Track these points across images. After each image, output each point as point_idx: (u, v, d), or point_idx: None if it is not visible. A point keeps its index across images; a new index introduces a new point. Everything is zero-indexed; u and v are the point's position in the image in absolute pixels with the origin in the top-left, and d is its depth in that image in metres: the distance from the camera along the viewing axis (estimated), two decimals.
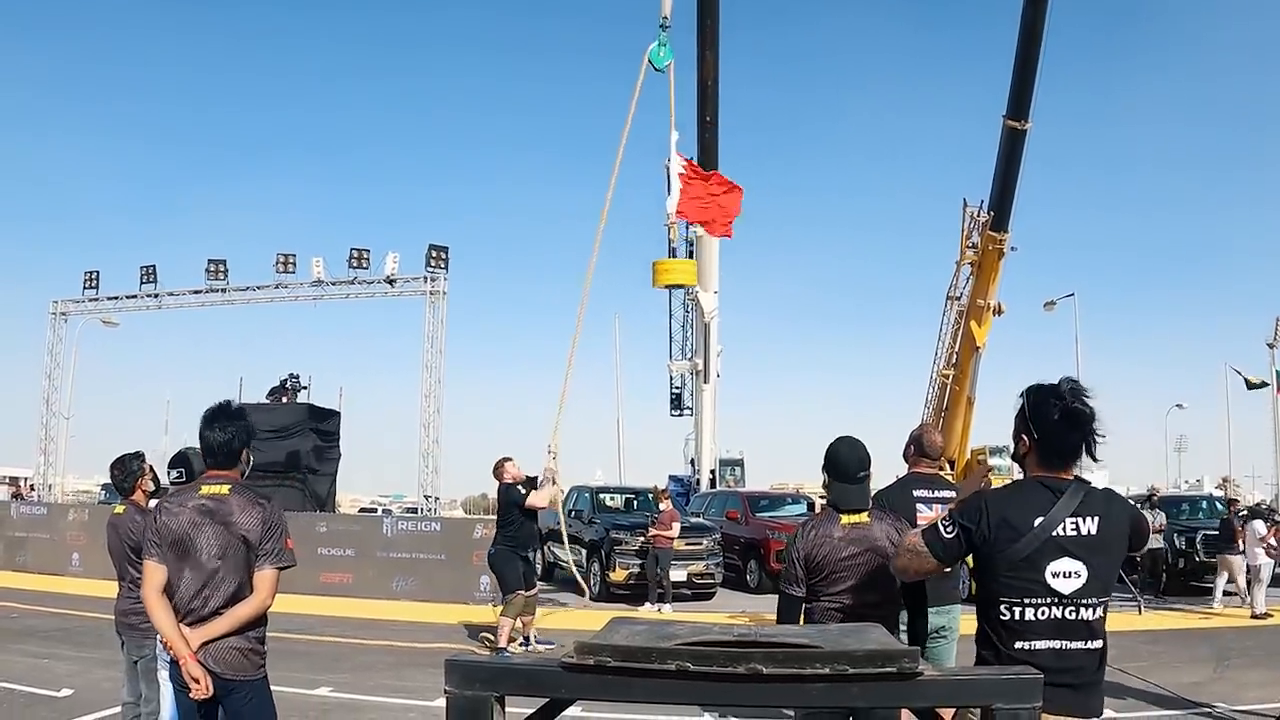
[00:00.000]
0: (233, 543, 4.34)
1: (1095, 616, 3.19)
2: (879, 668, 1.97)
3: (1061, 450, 3.29)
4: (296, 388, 29.68)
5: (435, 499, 35.01)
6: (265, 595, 4.36)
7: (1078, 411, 3.29)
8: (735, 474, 35.90)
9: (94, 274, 38.47)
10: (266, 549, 4.37)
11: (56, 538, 20.43)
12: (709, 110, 28.38)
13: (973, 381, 30.53)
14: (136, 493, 6.09)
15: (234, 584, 4.34)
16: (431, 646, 12.42)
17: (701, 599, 18.18)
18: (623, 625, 2.37)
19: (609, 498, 21.40)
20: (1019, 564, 3.15)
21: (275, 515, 4.45)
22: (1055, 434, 3.28)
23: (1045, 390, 3.37)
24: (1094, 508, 3.21)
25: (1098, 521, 3.18)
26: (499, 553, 12.13)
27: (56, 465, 40.95)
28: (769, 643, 2.06)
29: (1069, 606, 3.14)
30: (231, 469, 4.54)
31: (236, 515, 4.36)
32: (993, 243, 27.56)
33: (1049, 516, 3.15)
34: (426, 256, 35.40)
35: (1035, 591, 3.14)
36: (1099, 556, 3.19)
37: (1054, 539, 3.14)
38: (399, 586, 17.26)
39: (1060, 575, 3.12)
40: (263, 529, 4.38)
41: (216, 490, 4.42)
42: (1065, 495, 3.20)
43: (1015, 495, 3.33)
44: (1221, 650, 12.85)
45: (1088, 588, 3.14)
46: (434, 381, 35.28)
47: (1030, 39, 23.09)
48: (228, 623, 4.29)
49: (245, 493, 4.45)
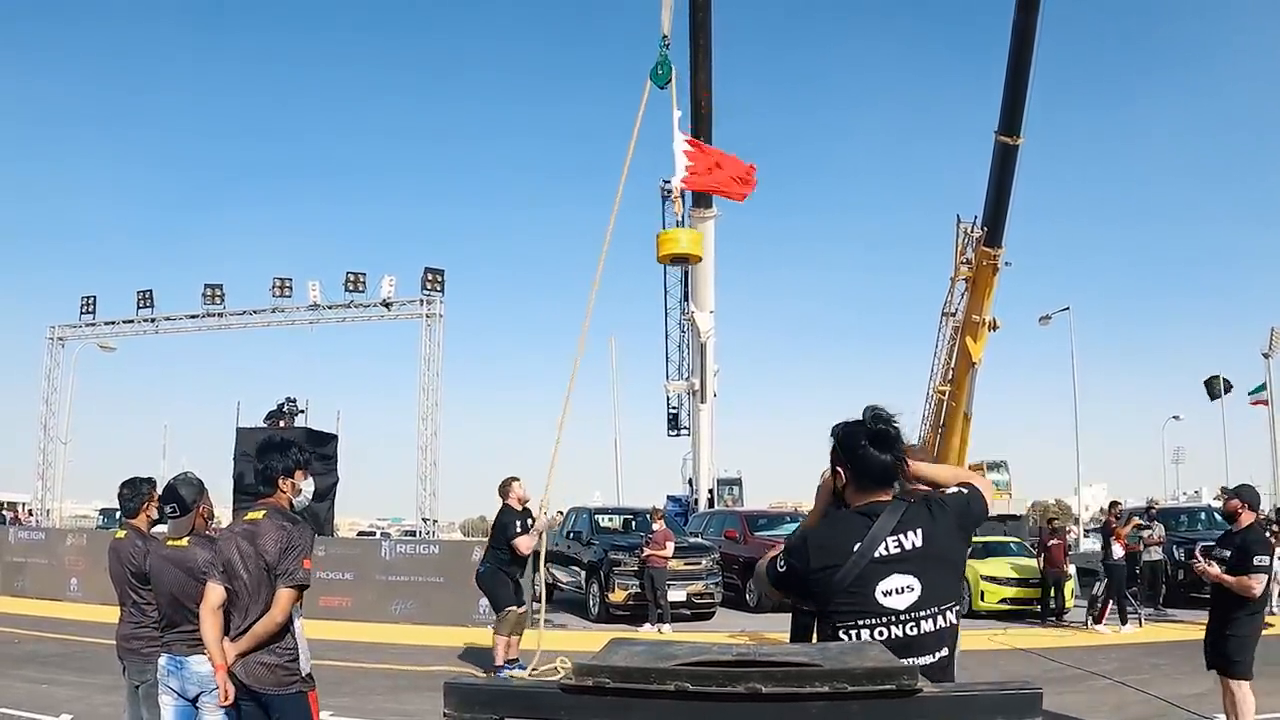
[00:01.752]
0: (260, 564, 4.66)
1: (937, 627, 3.17)
2: (879, 685, 1.98)
3: (873, 473, 3.32)
4: (294, 411, 29.60)
5: (433, 522, 34.94)
6: (277, 612, 4.62)
7: (883, 433, 3.33)
8: (733, 493, 35.88)
9: (91, 298, 38.53)
10: (283, 568, 4.66)
11: (55, 563, 20.36)
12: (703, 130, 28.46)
13: (969, 397, 30.59)
14: (140, 516, 6.07)
15: (263, 603, 4.64)
16: (431, 669, 12.37)
17: (701, 619, 18.14)
18: (622, 646, 2.37)
19: (607, 519, 21.35)
20: (847, 590, 3.16)
21: (297, 537, 4.75)
22: (865, 459, 3.32)
23: (851, 423, 3.42)
24: (915, 521, 3.22)
25: (921, 533, 3.19)
26: (488, 571, 12.17)
27: (54, 490, 40.91)
28: (768, 661, 2.06)
29: (907, 623, 3.14)
30: (273, 496, 4.89)
31: (263, 538, 4.69)
32: (987, 258, 27.66)
33: (867, 540, 3.17)
34: (423, 279, 35.44)
35: (869, 612, 3.14)
36: (931, 566, 3.18)
37: (877, 560, 3.15)
38: (398, 609, 17.21)
39: (892, 592, 3.13)
40: (281, 549, 4.67)
41: (255, 515, 4.80)
42: (882, 516, 3.22)
43: (834, 527, 3.35)
44: None
45: (923, 600, 3.14)
46: (431, 404, 35.27)
47: (1022, 48, 23.19)
48: (248, 639, 4.61)
49: (277, 517, 4.79)
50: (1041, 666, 13.06)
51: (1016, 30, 23.08)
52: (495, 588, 12.08)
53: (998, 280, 28.22)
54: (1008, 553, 20.51)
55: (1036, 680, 2.15)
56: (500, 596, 12.05)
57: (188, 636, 5.16)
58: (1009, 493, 32.56)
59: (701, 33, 24.10)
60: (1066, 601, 18.60)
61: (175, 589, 5.24)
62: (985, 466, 32.90)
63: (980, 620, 17.86)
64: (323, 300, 35.83)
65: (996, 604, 18.78)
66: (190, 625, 5.14)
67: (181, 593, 5.21)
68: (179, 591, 5.22)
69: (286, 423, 28.81)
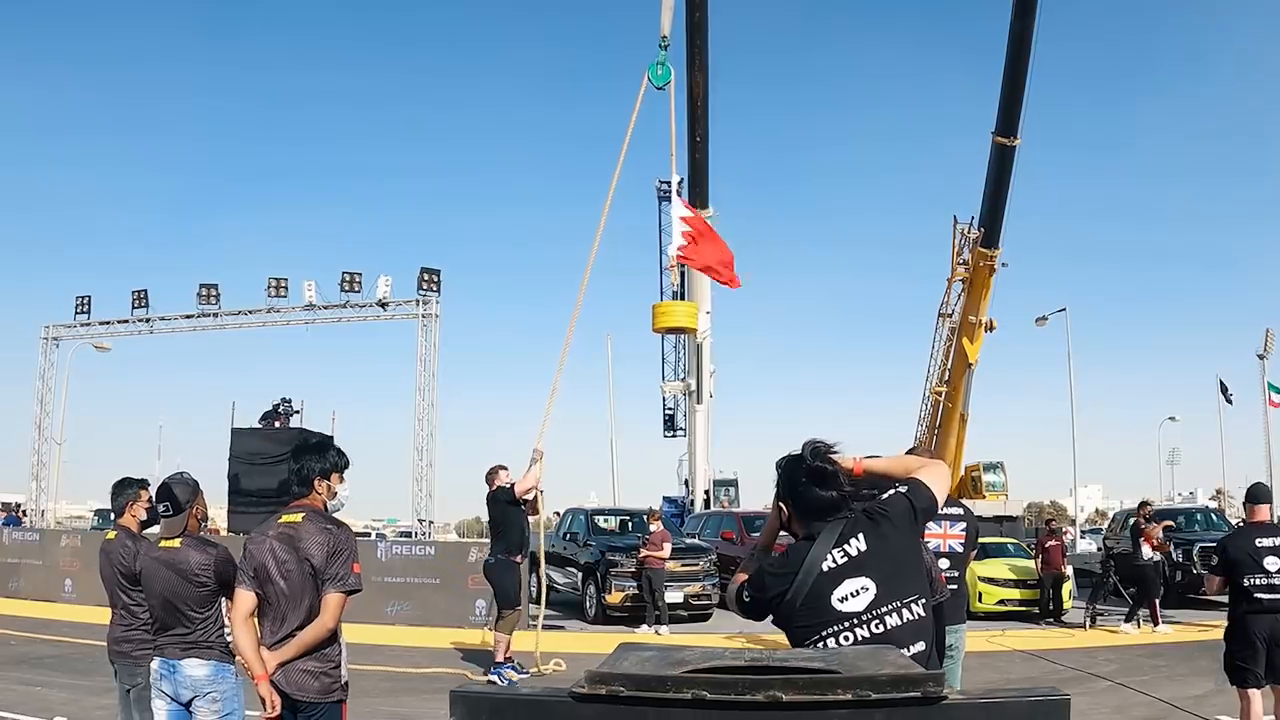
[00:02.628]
0: (303, 568, 4.50)
1: (904, 620, 3.18)
2: (903, 692, 1.91)
3: (815, 508, 3.36)
4: (289, 412, 29.52)
5: (429, 522, 34.86)
6: (328, 619, 4.52)
7: (819, 470, 3.36)
8: (730, 494, 35.79)
9: (85, 298, 38.44)
10: (331, 573, 4.53)
11: (49, 564, 20.21)
12: (699, 129, 28.47)
13: (966, 398, 30.65)
14: (127, 515, 6.00)
15: (305, 609, 4.50)
16: (427, 671, 12.31)
17: (698, 620, 18.07)
18: (631, 651, 2.30)
19: (603, 520, 21.28)
20: (803, 607, 3.20)
21: (342, 540, 4.60)
22: (806, 496, 3.37)
23: (792, 459, 3.46)
24: (855, 529, 3.26)
25: (864, 537, 3.23)
26: (498, 563, 12.00)
27: (49, 491, 40.81)
28: (787, 668, 2.00)
29: (870, 622, 3.14)
30: (309, 497, 4.72)
31: (306, 541, 4.52)
32: (984, 259, 27.71)
33: (809, 559, 3.21)
34: (419, 279, 35.38)
35: (829, 620, 3.16)
36: (884, 564, 3.21)
37: (825, 573, 3.19)
38: (393, 611, 17.11)
39: (847, 597, 3.16)
40: (327, 553, 4.52)
41: (292, 518, 4.61)
42: (821, 535, 3.27)
43: (784, 556, 3.39)
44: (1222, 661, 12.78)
45: (881, 597, 3.16)
46: (427, 405, 35.21)
47: (1019, 51, 23.24)
48: (295, 647, 4.45)
49: (317, 519, 4.62)
50: (1041, 668, 13.00)
51: (1014, 35, 23.13)
52: (504, 581, 11.95)
53: (994, 281, 28.29)
54: (1005, 554, 20.46)
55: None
56: (508, 588, 11.93)
57: (180, 640, 5.05)
58: (1005, 494, 32.52)
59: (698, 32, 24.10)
60: (1065, 602, 18.55)
61: (167, 591, 5.10)
62: (982, 467, 32.91)
63: (979, 622, 17.80)
64: (318, 300, 35.75)
65: (995, 605, 18.72)
66: (183, 628, 5.05)
67: (173, 595, 5.07)
68: (170, 594, 5.09)
69: (282, 423, 28.75)
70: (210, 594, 5.11)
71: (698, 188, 28.26)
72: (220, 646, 5.12)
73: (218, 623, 5.16)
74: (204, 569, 5.07)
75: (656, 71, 13.68)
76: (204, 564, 5.08)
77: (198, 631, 5.08)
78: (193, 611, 5.06)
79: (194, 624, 5.07)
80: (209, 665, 5.06)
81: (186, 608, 5.04)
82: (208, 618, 5.11)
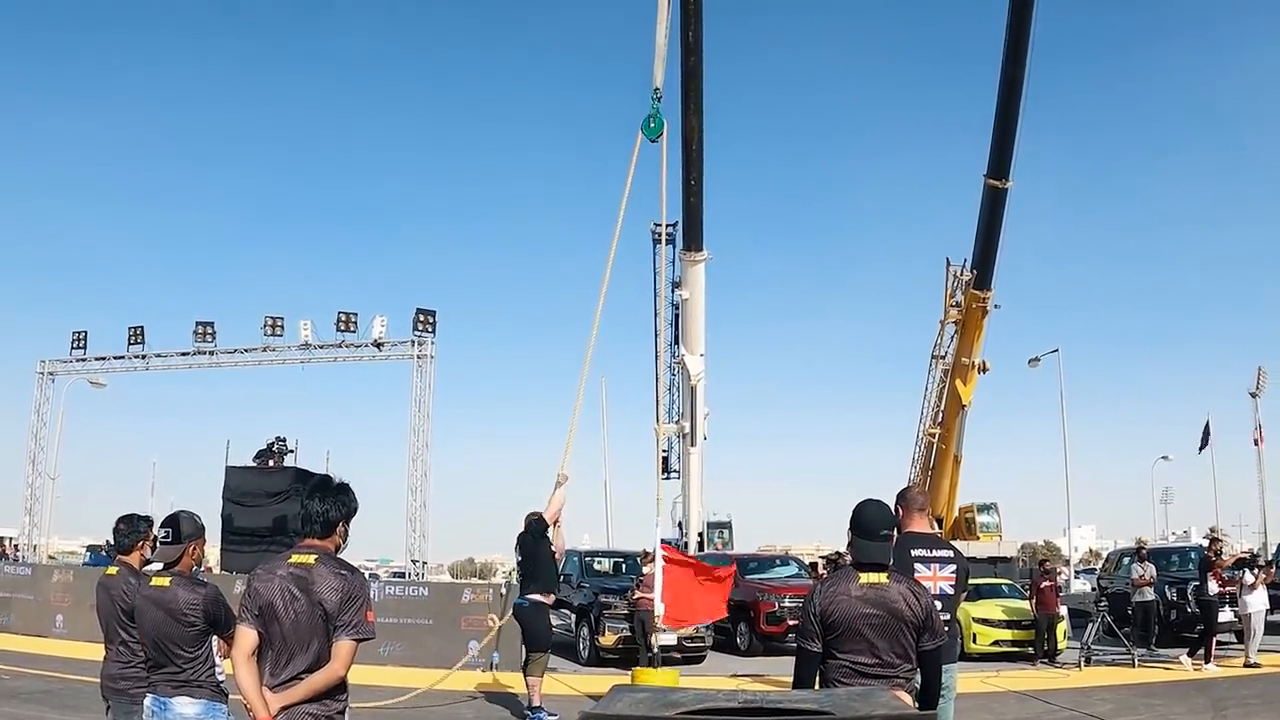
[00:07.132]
0: (314, 612, 4.36)
1: None
2: None
3: None
4: (284, 451, 29.50)
5: (423, 563, 34.72)
6: (339, 666, 4.38)
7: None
8: (724, 536, 35.70)
9: (82, 334, 38.51)
10: (344, 620, 4.37)
11: (41, 599, 20.10)
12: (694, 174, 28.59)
13: (959, 440, 30.62)
14: (134, 553, 6.01)
15: (314, 652, 4.36)
16: (419, 709, 12.27)
17: (692, 662, 17.98)
18: (625, 693, 2.36)
19: (597, 561, 21.26)
20: None
21: (356, 587, 4.45)
22: None
23: None
24: None
25: None
26: (531, 605, 11.97)
27: (42, 526, 40.59)
28: (780, 710, 2.06)
29: None
30: (325, 539, 4.58)
31: (319, 585, 4.38)
32: (976, 301, 27.80)
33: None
34: (414, 320, 35.45)
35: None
36: None
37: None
38: (386, 651, 17.03)
39: None
40: (341, 599, 4.37)
41: (304, 560, 4.46)
42: None
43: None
44: (1218, 701, 12.80)
45: None
46: (421, 445, 35.20)
47: (1011, 96, 23.45)
48: (304, 690, 4.32)
49: (331, 563, 4.48)
50: (1036, 709, 12.97)
51: (1005, 80, 23.36)
52: (536, 624, 11.96)
53: (987, 323, 28.36)
54: (999, 595, 20.43)
55: None
56: (539, 631, 11.95)
57: (172, 677, 5.07)
58: (999, 534, 32.45)
59: (693, 78, 24.31)
60: (1059, 643, 18.51)
61: (155, 631, 5.12)
62: (976, 508, 32.85)
63: (973, 663, 17.74)
64: (314, 339, 35.82)
65: (989, 646, 18.66)
66: (174, 666, 5.07)
67: (162, 634, 5.09)
68: (158, 633, 5.10)
69: (276, 462, 28.71)
70: (199, 633, 5.12)
71: (692, 231, 28.32)
72: (211, 685, 5.13)
73: (208, 662, 5.17)
74: (192, 608, 5.08)
75: (649, 125, 13.94)
76: (192, 603, 5.08)
77: (187, 670, 5.09)
78: (182, 650, 5.07)
79: (183, 663, 5.08)
80: (200, 704, 5.07)
81: (176, 647, 5.06)
82: (197, 657, 5.12)
